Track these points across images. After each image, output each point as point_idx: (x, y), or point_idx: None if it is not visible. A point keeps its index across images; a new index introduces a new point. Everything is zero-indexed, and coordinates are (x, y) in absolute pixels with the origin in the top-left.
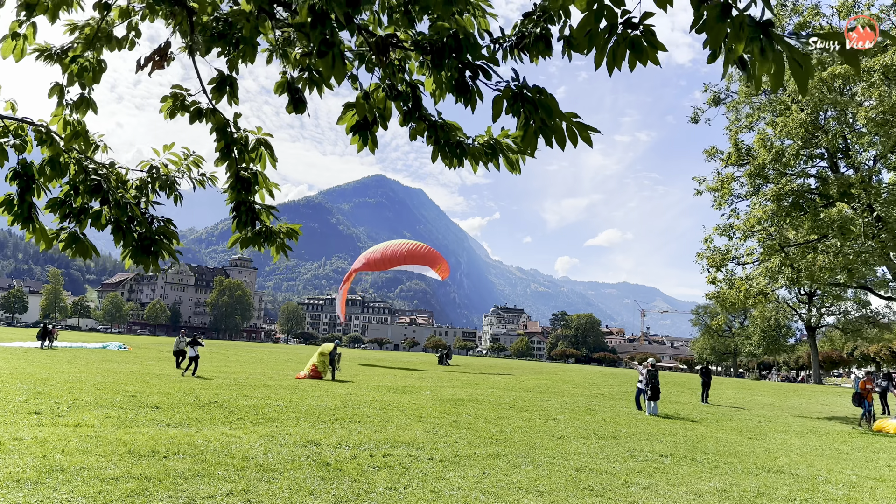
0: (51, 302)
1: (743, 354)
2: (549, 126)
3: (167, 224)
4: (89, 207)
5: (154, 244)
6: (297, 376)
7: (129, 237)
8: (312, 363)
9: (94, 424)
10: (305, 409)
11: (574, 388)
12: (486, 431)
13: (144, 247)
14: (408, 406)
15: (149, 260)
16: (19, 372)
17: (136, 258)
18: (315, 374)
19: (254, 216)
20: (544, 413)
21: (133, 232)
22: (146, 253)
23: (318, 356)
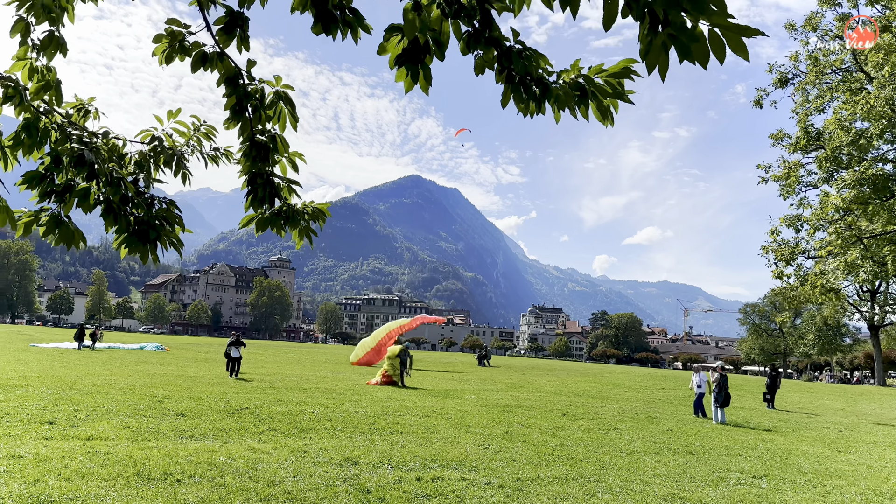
0: (95, 303)
1: (795, 355)
2: (685, 31)
3: (170, 207)
4: (74, 184)
5: (152, 230)
6: (369, 383)
7: (123, 221)
8: (383, 369)
9: (109, 437)
10: (342, 417)
11: (626, 392)
12: (544, 445)
13: (141, 232)
14: (453, 413)
15: (146, 249)
16: (49, 374)
17: (130, 246)
18: (388, 381)
19: (272, 191)
20: (603, 422)
21: (128, 215)
22: (142, 240)
23: (387, 361)
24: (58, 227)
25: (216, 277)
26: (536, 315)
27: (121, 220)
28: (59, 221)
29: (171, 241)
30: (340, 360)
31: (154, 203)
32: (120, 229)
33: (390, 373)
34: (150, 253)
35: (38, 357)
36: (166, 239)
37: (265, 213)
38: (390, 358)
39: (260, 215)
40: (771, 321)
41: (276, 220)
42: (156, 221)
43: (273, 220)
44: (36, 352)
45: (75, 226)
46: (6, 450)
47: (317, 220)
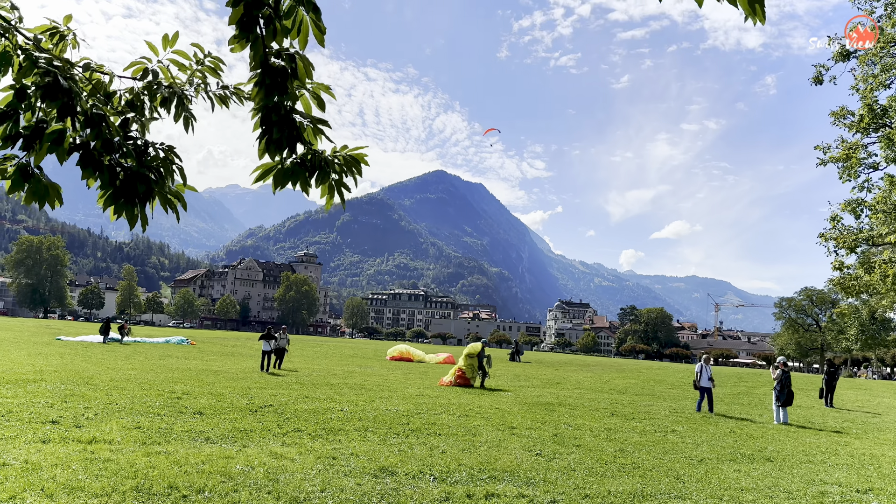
0: (126, 298)
1: (834, 350)
2: None
3: (168, 154)
4: (45, 125)
5: (142, 183)
6: (441, 383)
7: (107, 173)
8: (458, 368)
9: (114, 440)
10: (373, 416)
11: (671, 390)
12: (602, 451)
13: (128, 188)
14: (491, 412)
15: (134, 211)
16: (67, 368)
17: (116, 205)
18: (463, 381)
19: (293, 133)
20: (657, 422)
21: (114, 165)
22: (130, 197)
23: (464, 359)
24: (27, 181)
25: (244, 272)
26: (563, 310)
27: (104, 172)
28: (28, 174)
29: (167, 198)
30: (367, 354)
31: (147, 150)
32: (103, 183)
33: (469, 374)
34: (139, 213)
35: (61, 350)
36: (160, 194)
37: (285, 163)
38: (469, 356)
39: (278, 165)
40: (808, 315)
41: (298, 172)
42: (148, 173)
43: (295, 171)
44: (59, 345)
45: (48, 179)
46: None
47: (351, 171)
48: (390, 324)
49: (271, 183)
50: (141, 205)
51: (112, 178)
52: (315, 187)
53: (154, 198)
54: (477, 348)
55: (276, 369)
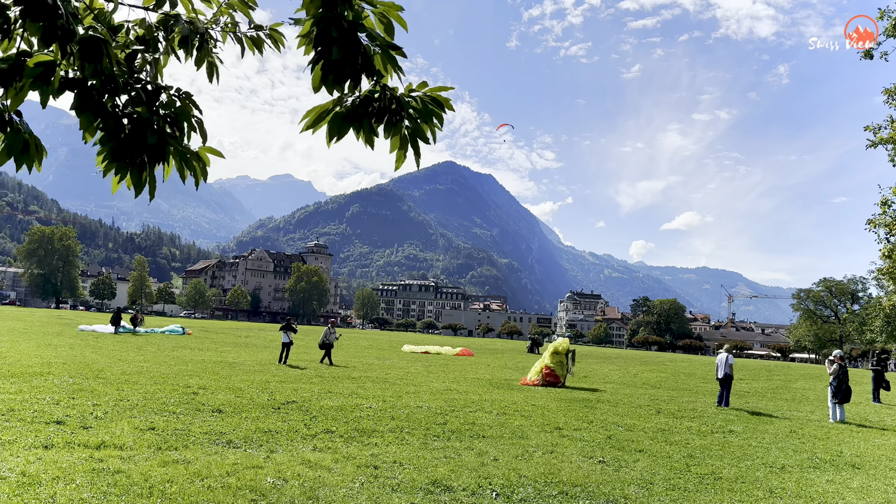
0: (137, 288)
1: (855, 342)
2: None
3: (185, 103)
4: (25, 57)
5: (153, 133)
6: (524, 382)
7: (110, 120)
8: (544, 365)
9: (125, 444)
10: (406, 415)
11: (704, 384)
12: (669, 457)
13: (136, 141)
14: (529, 409)
15: (142, 174)
16: (76, 360)
17: (119, 165)
18: (553, 379)
19: (358, 58)
20: (709, 421)
21: (117, 112)
22: (137, 153)
23: (550, 356)
24: (0, 131)
25: (255, 263)
26: (574, 301)
27: (106, 118)
28: (3, 122)
29: (184, 157)
30: (382, 345)
31: (159, 94)
32: (105, 136)
33: (559, 372)
34: (148, 175)
35: (70, 342)
36: (176, 152)
37: (345, 102)
38: (557, 353)
39: (336, 106)
40: (826, 307)
41: (361, 117)
42: (162, 125)
43: (357, 114)
44: (69, 336)
45: (29, 129)
46: None
47: (430, 119)
48: (401, 315)
49: (325, 133)
50: (150, 164)
51: (116, 127)
52: (385, 138)
53: (167, 157)
54: (565, 344)
55: (326, 365)
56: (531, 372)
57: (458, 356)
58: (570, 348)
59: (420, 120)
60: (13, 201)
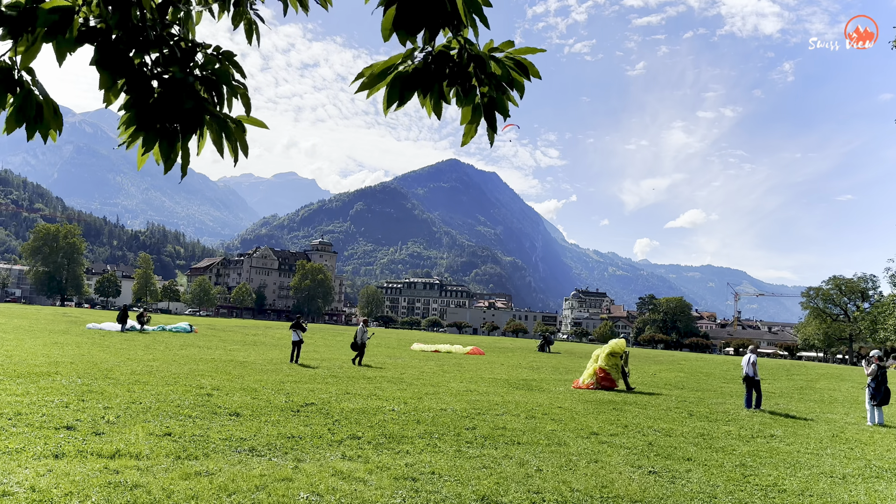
0: (142, 286)
1: (867, 341)
2: None
3: (226, 64)
4: (37, 3)
5: (192, 98)
6: (577, 385)
7: (137, 81)
8: (598, 367)
9: (141, 453)
10: (431, 418)
11: (726, 384)
12: (721, 466)
13: (167, 105)
14: (556, 411)
15: (175, 143)
16: (84, 360)
17: (147, 135)
18: (608, 383)
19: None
20: (745, 424)
21: (145, 72)
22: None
23: (606, 358)
24: (9, 91)
25: (260, 261)
26: (580, 299)
27: (132, 77)
28: (12, 81)
29: (224, 126)
30: (391, 344)
31: (194, 53)
32: (131, 99)
33: (614, 375)
34: (181, 146)
35: (77, 340)
36: (215, 122)
37: (413, 59)
38: (613, 354)
39: (404, 62)
40: (836, 305)
41: (432, 78)
42: (197, 86)
43: (428, 75)
44: (76, 334)
45: (44, 90)
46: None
47: (511, 85)
48: (405, 312)
49: (383, 99)
50: (184, 133)
51: (144, 90)
52: (459, 106)
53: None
54: (621, 345)
55: (357, 365)
56: (584, 375)
57: (469, 355)
58: (626, 350)
59: (500, 87)
60: (18, 199)
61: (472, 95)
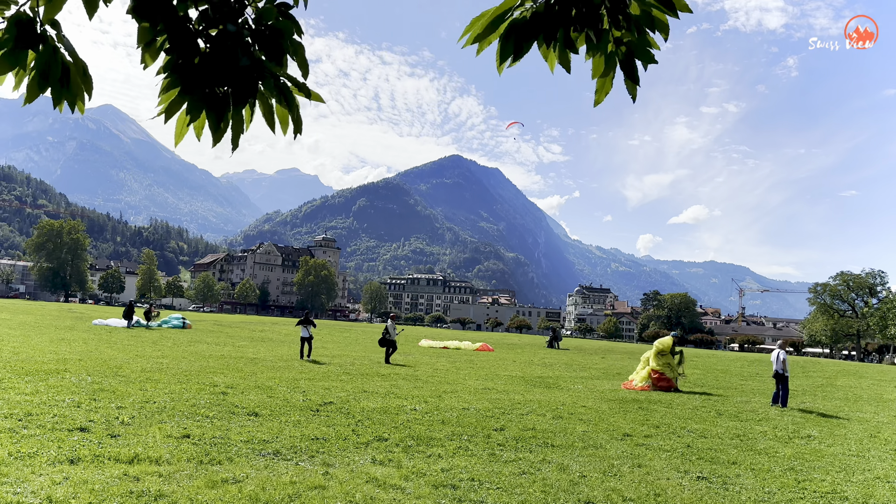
0: (146, 282)
1: (875, 337)
2: None
3: (284, 16)
4: None
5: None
6: (628, 386)
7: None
8: (652, 368)
9: (162, 457)
10: (456, 418)
11: (744, 382)
12: (769, 471)
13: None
14: (582, 411)
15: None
16: (92, 356)
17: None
18: (664, 384)
19: None
20: (777, 424)
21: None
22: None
23: (656, 358)
24: (30, 48)
25: (263, 257)
26: (584, 295)
27: (175, 31)
28: (34, 37)
29: (284, 92)
30: (399, 340)
31: (244, 6)
32: (173, 59)
33: (669, 374)
34: (231, 115)
35: (84, 336)
36: (271, 85)
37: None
38: (661, 354)
39: (519, 6)
40: (844, 301)
41: (555, 22)
42: (253, 46)
43: (550, 19)
44: (82, 330)
45: (72, 47)
46: (6, 486)
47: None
48: (409, 308)
49: (496, 53)
50: (236, 99)
51: (188, 47)
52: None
53: (256, 92)
54: (667, 343)
55: (387, 363)
56: (636, 377)
57: (478, 351)
58: (677, 349)
59: (638, 29)
60: (22, 195)
61: (605, 41)
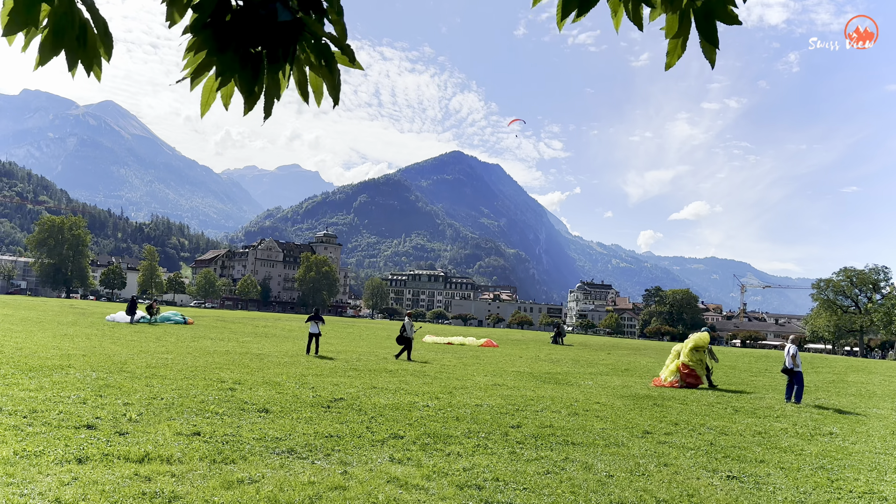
0: (147, 278)
1: (879, 333)
2: None
3: None
4: None
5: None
6: (658, 383)
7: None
8: (681, 364)
9: (174, 457)
10: (470, 415)
11: (754, 378)
12: (798, 470)
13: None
14: (596, 407)
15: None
16: (96, 352)
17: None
18: (692, 381)
19: None
20: (796, 420)
21: None
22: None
23: (689, 354)
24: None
25: (264, 253)
26: (585, 291)
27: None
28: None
29: (324, 53)
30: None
31: None
32: (201, 15)
33: (699, 371)
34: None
35: (87, 332)
36: (311, 45)
37: None
38: (696, 349)
39: None
40: (847, 297)
41: None
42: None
43: None
44: (85, 325)
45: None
46: (13, 487)
47: None
48: (410, 304)
49: (557, 8)
50: (272, 58)
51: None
52: (654, 16)
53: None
54: (704, 339)
55: (406, 360)
56: (665, 371)
57: (483, 347)
58: (709, 345)
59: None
60: (23, 191)
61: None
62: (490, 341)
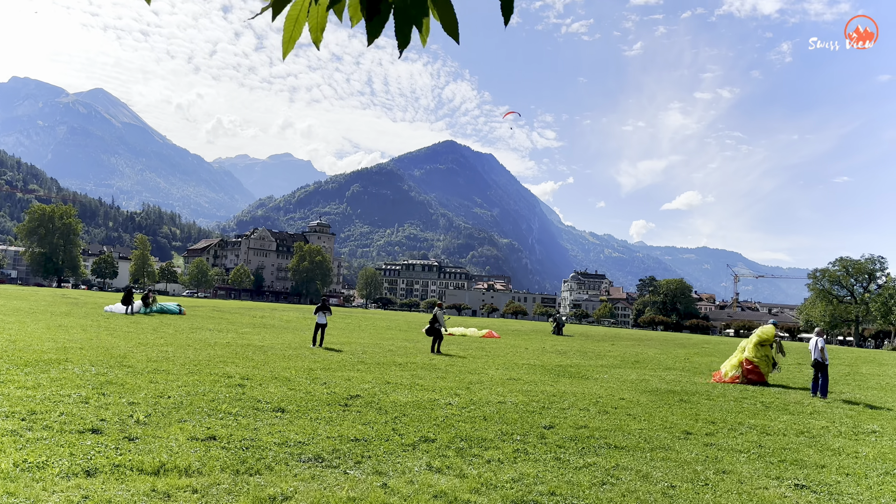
0: (139, 267)
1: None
2: None
3: None
4: None
5: None
6: (718, 378)
7: None
8: (745, 359)
9: (194, 467)
10: (496, 414)
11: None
12: (863, 474)
13: None
14: (625, 404)
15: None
16: (93, 345)
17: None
18: (754, 377)
19: None
20: (831, 417)
21: None
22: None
23: (754, 349)
24: None
25: (257, 242)
26: (579, 281)
27: None
28: None
29: None
30: (401, 326)
31: None
32: None
33: (763, 368)
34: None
35: (82, 322)
36: None
37: None
38: (762, 344)
39: None
40: (843, 286)
41: None
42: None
43: None
44: (79, 316)
45: None
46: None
47: None
48: (404, 294)
49: None
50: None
51: None
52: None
53: None
54: (769, 333)
55: (435, 354)
56: (726, 366)
57: (485, 338)
58: (775, 339)
59: None
60: (12, 179)
61: None
62: (491, 332)
